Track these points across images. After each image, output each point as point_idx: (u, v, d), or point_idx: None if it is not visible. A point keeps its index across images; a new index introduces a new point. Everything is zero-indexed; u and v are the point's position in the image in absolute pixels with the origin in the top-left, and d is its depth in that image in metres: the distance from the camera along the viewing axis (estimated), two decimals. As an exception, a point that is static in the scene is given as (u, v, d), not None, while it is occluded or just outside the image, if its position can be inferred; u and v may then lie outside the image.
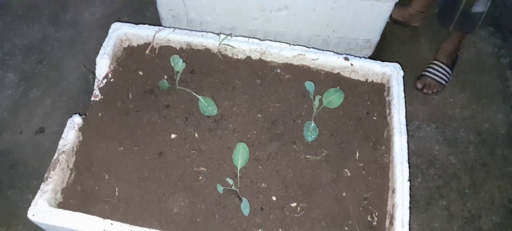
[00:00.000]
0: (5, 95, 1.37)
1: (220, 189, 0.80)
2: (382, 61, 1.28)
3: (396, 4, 1.29)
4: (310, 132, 0.87)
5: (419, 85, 1.41)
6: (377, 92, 0.96)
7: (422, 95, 1.43)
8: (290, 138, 0.90)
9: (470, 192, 1.26)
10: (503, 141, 1.35)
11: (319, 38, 1.28)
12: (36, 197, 0.75)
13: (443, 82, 1.41)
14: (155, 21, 1.36)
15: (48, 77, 1.42)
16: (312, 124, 0.88)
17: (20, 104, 1.36)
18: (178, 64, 0.87)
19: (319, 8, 1.16)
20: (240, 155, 0.82)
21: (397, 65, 0.95)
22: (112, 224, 0.73)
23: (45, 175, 0.78)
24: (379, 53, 1.49)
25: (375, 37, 1.26)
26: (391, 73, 0.94)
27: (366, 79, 0.98)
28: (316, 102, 0.88)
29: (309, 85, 0.88)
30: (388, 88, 0.94)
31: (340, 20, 1.20)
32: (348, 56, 0.96)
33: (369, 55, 1.35)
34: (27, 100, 1.36)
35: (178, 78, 0.92)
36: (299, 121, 0.93)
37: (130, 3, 1.62)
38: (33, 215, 0.74)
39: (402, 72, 0.94)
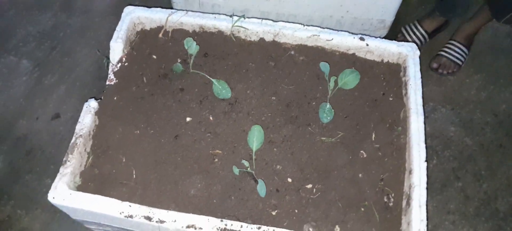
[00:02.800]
0: (20, 82, 1.39)
1: (236, 171, 0.80)
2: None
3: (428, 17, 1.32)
4: (326, 113, 0.86)
5: (435, 65, 1.39)
6: (393, 73, 0.95)
7: (437, 76, 1.41)
8: (305, 120, 0.90)
9: (486, 173, 1.25)
10: (520, 121, 1.33)
11: (332, 19, 1.27)
12: (55, 180, 0.76)
13: (460, 62, 1.38)
14: (167, 5, 1.35)
15: (61, 63, 1.43)
16: (328, 106, 0.87)
17: (35, 91, 1.37)
18: (192, 47, 0.87)
19: (332, -12, 1.15)
20: (255, 138, 0.82)
21: (414, 45, 0.94)
22: (130, 206, 0.74)
23: (64, 159, 0.79)
24: (394, 34, 1.47)
25: (390, 18, 1.23)
26: (408, 53, 0.92)
27: (382, 60, 0.96)
28: (331, 84, 0.87)
29: (324, 66, 0.87)
30: (405, 68, 0.92)
31: (354, 0, 1.18)
32: (364, 36, 0.95)
33: (384, 35, 1.33)
34: (41, 86, 1.38)
35: (192, 61, 0.92)
36: (314, 103, 0.92)
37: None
38: (54, 197, 0.75)
39: (418, 52, 0.93)
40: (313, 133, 0.88)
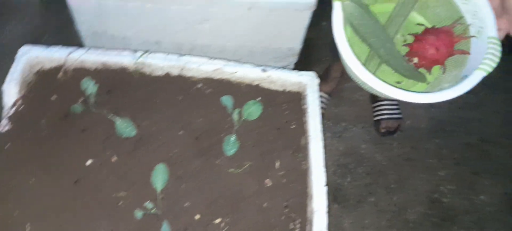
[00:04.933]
0: None
1: (138, 215, 0.79)
2: (307, 67, 1.29)
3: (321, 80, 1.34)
4: (230, 146, 0.88)
5: (384, 131, 1.41)
6: (295, 101, 0.98)
7: (348, 97, 1.49)
8: (214, 153, 0.90)
9: (396, 186, 1.33)
10: (424, 135, 1.43)
11: (244, 49, 1.30)
12: None
13: (400, 115, 1.43)
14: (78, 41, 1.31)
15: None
16: (233, 138, 0.89)
17: None
18: (89, 87, 0.85)
19: (241, 21, 1.17)
20: (160, 177, 0.81)
21: (313, 74, 0.98)
22: (22, 262, 0.70)
23: None
24: (307, 59, 1.53)
25: (298, 45, 1.29)
26: (306, 82, 0.97)
27: (284, 89, 1.00)
28: (235, 116, 0.88)
29: (226, 100, 0.89)
30: (305, 96, 0.96)
31: (262, 31, 1.22)
32: (266, 68, 0.98)
33: (295, 61, 1.38)
34: None
35: (92, 100, 0.90)
36: (223, 135, 0.93)
37: (53, 20, 1.55)
38: None
39: (317, 80, 0.97)
40: (221, 165, 0.89)
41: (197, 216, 0.82)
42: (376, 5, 0.94)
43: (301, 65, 1.50)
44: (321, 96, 1.43)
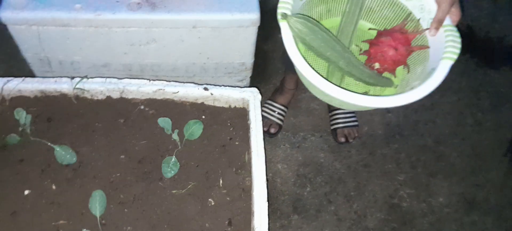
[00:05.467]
0: None
1: (75, 242, 0.77)
2: (264, 80, 1.29)
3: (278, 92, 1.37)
4: (170, 167, 0.87)
5: (342, 139, 1.40)
6: (240, 117, 0.99)
7: (305, 107, 1.50)
8: (157, 175, 0.89)
9: (355, 194, 1.33)
10: (381, 141, 1.45)
11: (196, 66, 1.29)
12: None
13: (356, 123, 1.43)
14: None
15: None
16: (173, 159, 0.88)
17: None
18: (22, 117, 0.84)
19: (187, 39, 1.17)
20: (97, 203, 0.80)
21: (255, 90, 0.99)
22: None
23: None
24: (264, 72, 1.54)
25: (249, 60, 1.29)
26: (249, 98, 0.97)
27: (229, 106, 1.00)
28: (175, 136, 0.88)
29: (163, 122, 0.88)
30: (248, 112, 0.96)
31: (211, 48, 1.22)
32: (208, 86, 0.98)
33: (250, 75, 1.38)
34: None
35: (30, 129, 0.88)
36: (167, 156, 0.92)
37: (7, 48, 1.53)
38: None
39: (259, 97, 0.98)
40: (164, 187, 0.88)
41: (139, 241, 0.81)
42: (322, 21, 0.94)
43: (258, 78, 1.51)
44: (278, 108, 1.43)
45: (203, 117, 0.98)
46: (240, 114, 0.99)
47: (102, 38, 1.14)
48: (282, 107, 1.43)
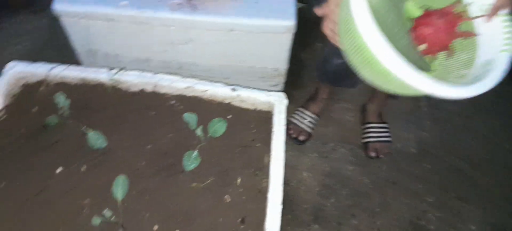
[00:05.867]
0: None
1: (96, 221, 0.82)
2: (298, 87, 1.29)
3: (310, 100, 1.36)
4: (191, 161, 0.90)
5: (373, 154, 1.39)
6: (264, 120, 1.00)
7: (338, 118, 1.49)
8: (179, 168, 0.93)
9: (380, 210, 1.30)
10: (413, 159, 1.41)
11: (230, 68, 1.33)
12: None
13: (390, 139, 1.41)
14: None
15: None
16: (195, 153, 0.91)
17: None
18: (61, 101, 0.90)
19: (222, 41, 1.21)
20: (120, 187, 0.85)
21: (282, 95, 1.00)
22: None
23: None
24: (299, 79, 1.55)
25: (283, 66, 1.31)
26: (274, 102, 0.99)
27: (255, 108, 1.02)
28: (199, 132, 0.91)
29: (189, 117, 0.92)
30: (273, 116, 0.98)
31: (245, 51, 1.25)
32: (236, 87, 1.01)
33: (283, 81, 1.40)
34: None
35: (68, 113, 0.95)
36: (190, 150, 0.96)
37: (57, 38, 1.65)
38: None
39: (285, 101, 0.99)
40: (184, 180, 0.91)
41: (155, 227, 0.84)
42: None
43: (292, 84, 1.52)
44: (309, 116, 1.44)
45: (229, 116, 1.00)
46: (265, 117, 1.01)
47: (144, 34, 1.21)
48: (314, 116, 1.43)
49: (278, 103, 0.99)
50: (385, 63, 0.61)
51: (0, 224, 0.82)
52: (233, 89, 1.00)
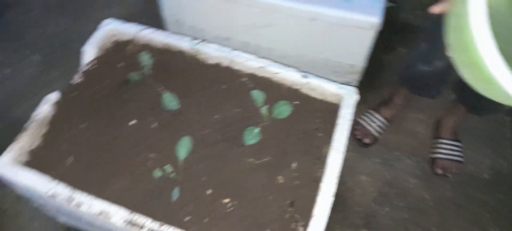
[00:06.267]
0: (28, 72, 1.57)
1: (157, 174, 0.88)
2: (372, 87, 1.26)
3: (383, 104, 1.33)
4: (252, 137, 0.93)
5: (440, 171, 1.33)
6: (331, 111, 1.00)
7: (411, 128, 1.43)
8: (239, 141, 0.97)
9: (437, 230, 1.24)
10: (484, 186, 1.32)
11: (306, 58, 1.34)
12: (3, 154, 0.88)
13: (462, 159, 1.34)
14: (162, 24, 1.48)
15: (67, 61, 1.60)
16: (256, 130, 0.94)
17: (38, 82, 1.54)
18: (145, 60, 0.98)
19: (302, 29, 1.22)
20: (184, 147, 0.90)
21: (353, 89, 0.99)
22: (57, 185, 0.84)
23: (15, 137, 0.90)
24: (375, 80, 1.52)
25: (360, 64, 1.29)
26: (344, 95, 0.98)
27: (323, 98, 1.02)
28: (263, 111, 0.94)
29: (257, 94, 0.94)
30: (340, 108, 0.97)
31: (324, 43, 1.25)
32: (307, 75, 1.01)
33: (357, 79, 1.38)
34: (44, 79, 1.55)
35: (149, 73, 1.02)
36: (252, 126, 0.99)
37: (151, 7, 1.76)
38: (-4, 167, 0.86)
39: (356, 96, 0.98)
40: (243, 153, 0.95)
41: (209, 191, 0.89)
42: None
43: (367, 85, 1.49)
44: (379, 120, 1.40)
45: (295, 102, 1.02)
46: (331, 109, 1.01)
47: (229, 13, 1.26)
48: (384, 121, 1.40)
49: (348, 97, 0.98)
50: (493, 71, 0.55)
51: (78, 157, 0.92)
52: (304, 76, 1.01)
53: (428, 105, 1.46)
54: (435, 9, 0.76)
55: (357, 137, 1.39)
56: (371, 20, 1.13)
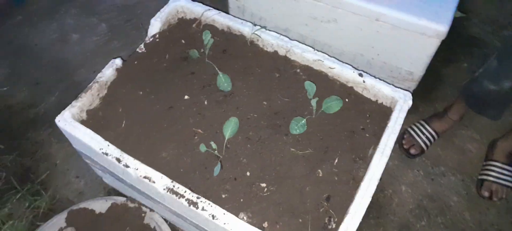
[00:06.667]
0: (93, 40, 1.68)
1: (203, 148, 0.92)
2: (427, 98, 1.22)
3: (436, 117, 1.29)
4: (298, 126, 0.95)
5: (486, 194, 1.28)
6: (381, 114, 0.99)
7: (459, 144, 1.39)
8: (285, 130, 0.99)
9: (475, 253, 1.20)
10: (533, 216, 1.25)
11: (363, 58, 1.33)
12: (65, 109, 0.96)
13: (511, 185, 1.30)
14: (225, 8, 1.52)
15: (129, 34, 1.68)
16: (303, 121, 0.96)
17: (101, 50, 1.64)
18: (207, 38, 1.02)
19: (365, 28, 1.21)
20: (230, 127, 0.94)
21: (408, 94, 0.98)
22: (109, 146, 0.90)
23: (78, 95, 0.98)
24: (431, 91, 1.48)
25: (419, 72, 1.26)
26: (398, 99, 0.97)
27: (376, 100, 1.02)
28: (313, 103, 0.95)
29: (310, 85, 0.95)
30: (392, 112, 0.96)
31: (384, 45, 1.23)
32: (363, 73, 1.01)
33: (413, 88, 1.35)
34: (107, 48, 1.65)
35: (208, 53, 1.07)
36: (300, 117, 1.00)
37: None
38: (59, 121, 0.94)
39: (410, 102, 0.97)
40: (286, 142, 0.97)
41: (248, 173, 0.92)
42: None
43: (422, 95, 1.46)
44: (429, 132, 1.37)
45: (347, 99, 1.02)
46: (383, 112, 1.00)
47: (291, 4, 1.27)
48: (434, 133, 1.36)
49: (402, 101, 0.97)
50: None
51: (131, 122, 0.98)
52: (360, 75, 1.01)
53: (484, 125, 1.41)
54: None
55: (403, 146, 1.37)
56: (437, 27, 1.10)
